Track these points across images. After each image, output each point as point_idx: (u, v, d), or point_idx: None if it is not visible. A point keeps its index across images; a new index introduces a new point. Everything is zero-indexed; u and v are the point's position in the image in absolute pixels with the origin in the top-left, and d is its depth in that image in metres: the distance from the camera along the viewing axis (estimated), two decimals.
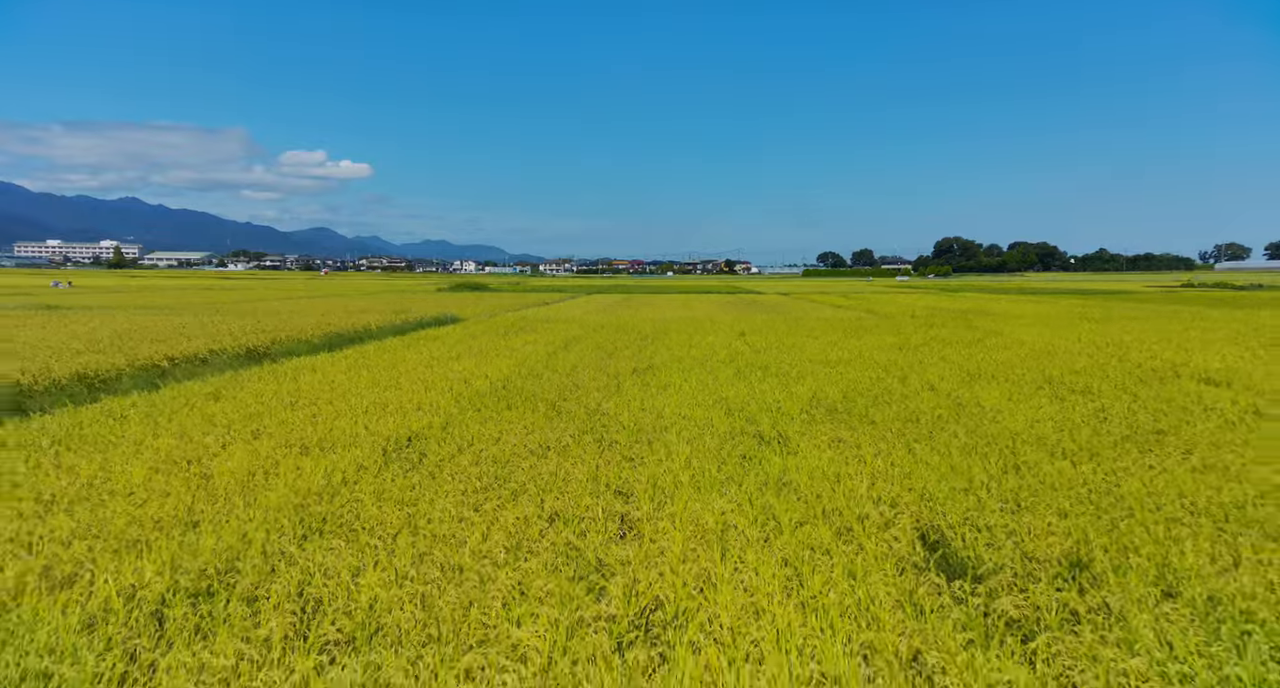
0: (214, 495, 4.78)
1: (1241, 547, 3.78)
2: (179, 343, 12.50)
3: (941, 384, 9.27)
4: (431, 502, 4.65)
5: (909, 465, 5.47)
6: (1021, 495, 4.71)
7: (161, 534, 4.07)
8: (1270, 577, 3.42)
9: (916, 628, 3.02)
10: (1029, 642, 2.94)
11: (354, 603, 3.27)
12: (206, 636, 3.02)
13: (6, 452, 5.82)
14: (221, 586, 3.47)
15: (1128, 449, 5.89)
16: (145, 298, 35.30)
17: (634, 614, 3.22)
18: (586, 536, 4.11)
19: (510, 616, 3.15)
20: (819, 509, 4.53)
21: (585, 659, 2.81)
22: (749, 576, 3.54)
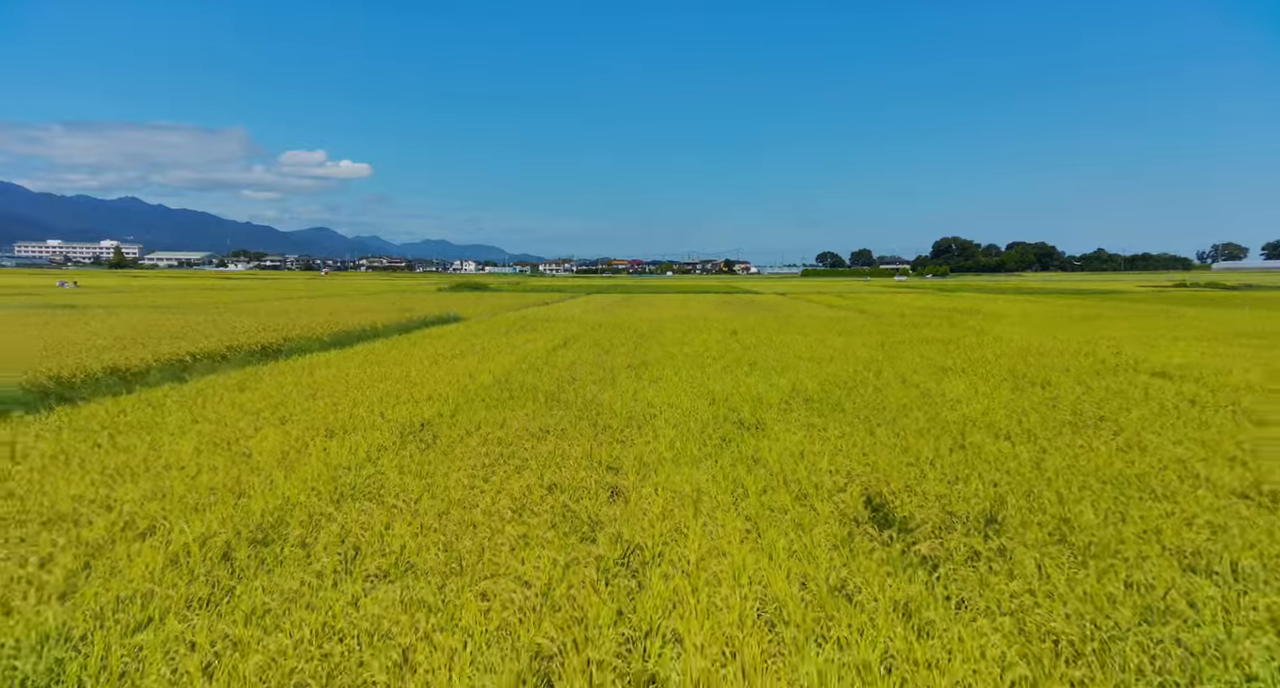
0: (255, 469, 5.48)
1: (1130, 506, 4.48)
2: (197, 340, 13.20)
3: (913, 377, 9.97)
4: (446, 474, 5.36)
5: (867, 445, 6.17)
6: (960, 469, 5.41)
7: (216, 498, 4.77)
8: (1145, 526, 4.12)
9: (847, 563, 3.73)
10: (934, 572, 3.64)
11: (387, 548, 3.97)
12: (270, 570, 3.72)
13: (68, 433, 6.51)
14: (276, 536, 4.18)
15: (1065, 432, 6.59)
16: (152, 298, 35.99)
17: (618, 556, 3.92)
18: (580, 500, 4.81)
19: (516, 557, 3.85)
20: (782, 479, 5.24)
21: (577, 585, 3.50)
22: (715, 528, 4.25)
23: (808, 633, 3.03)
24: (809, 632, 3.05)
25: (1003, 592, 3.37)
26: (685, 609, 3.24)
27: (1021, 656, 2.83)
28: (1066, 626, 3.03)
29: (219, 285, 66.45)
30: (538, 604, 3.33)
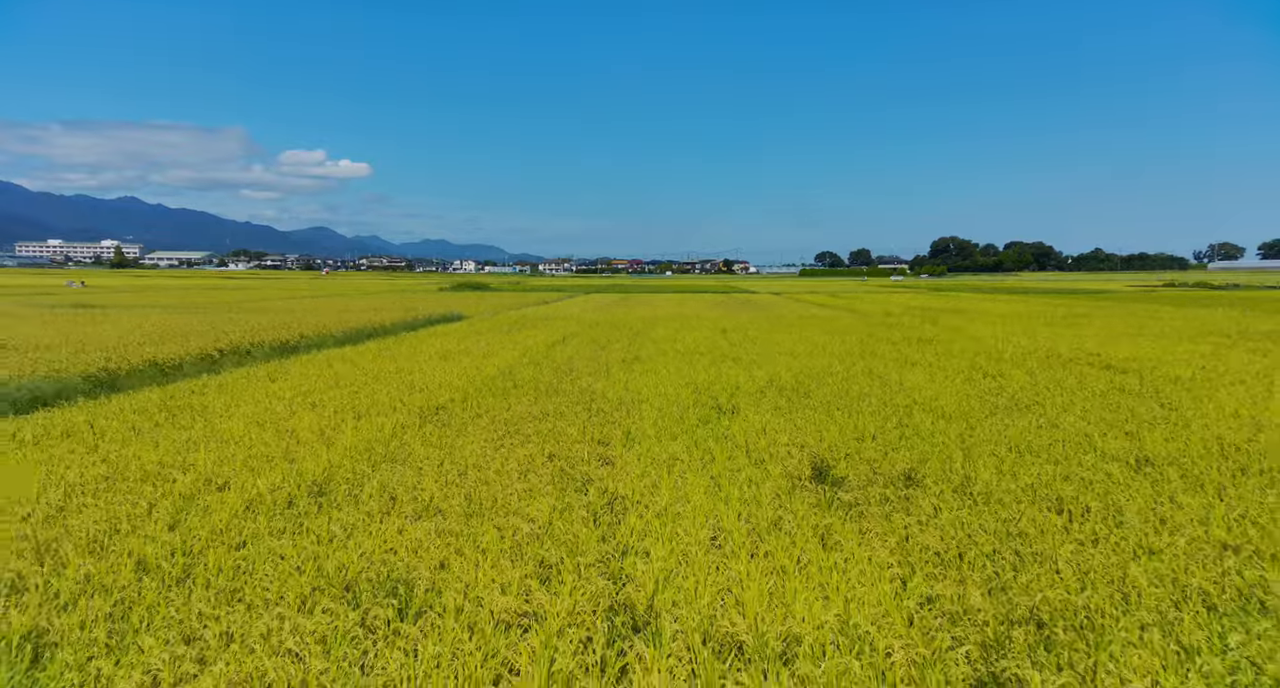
0: (299, 442, 6.46)
1: (1024, 467, 5.47)
2: (221, 337, 14.18)
3: (880, 370, 10.96)
4: (462, 446, 6.34)
5: (823, 424, 7.15)
6: (896, 441, 6.40)
7: (272, 463, 5.75)
8: (1030, 482, 5.11)
9: (784, 506, 4.71)
10: (850, 511, 4.63)
11: (419, 497, 4.95)
12: (329, 512, 4.70)
13: (131, 415, 7.50)
14: (328, 489, 5.16)
15: (997, 414, 7.58)
16: (162, 297, 36.95)
17: (604, 503, 4.90)
18: (575, 465, 5.79)
19: (523, 503, 4.83)
20: (745, 450, 6.22)
21: (572, 522, 4.49)
22: (684, 484, 5.23)
23: (745, 549, 4.02)
24: (746, 549, 4.03)
25: (898, 523, 4.35)
26: (653, 536, 4.22)
27: (899, 561, 3.82)
28: (939, 544, 4.02)
29: (223, 285, 67.42)
30: (540, 533, 4.31)
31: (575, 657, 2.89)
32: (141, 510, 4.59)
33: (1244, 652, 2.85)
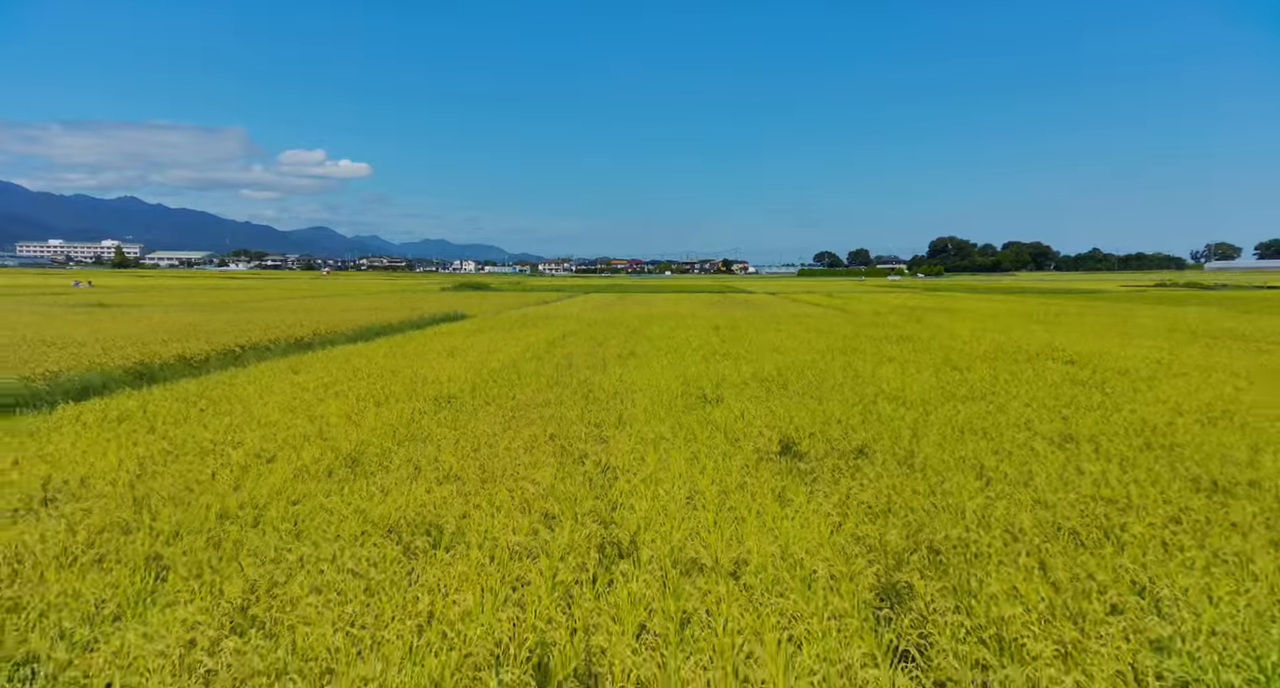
0: (329, 424, 7.30)
1: (960, 443, 6.33)
2: (240, 334, 15.02)
3: (856, 364, 11.81)
4: (474, 427, 7.19)
5: (796, 410, 8.00)
6: (857, 423, 7.25)
7: (309, 441, 6.59)
8: (964, 455, 5.97)
9: (751, 474, 5.56)
10: (806, 476, 5.49)
11: (440, 467, 5.80)
12: (365, 477, 5.54)
13: (175, 402, 8.34)
14: (361, 461, 6.01)
15: (953, 401, 8.44)
16: (170, 297, 37.77)
17: (598, 471, 5.75)
18: (574, 443, 6.64)
19: (529, 471, 5.68)
20: (724, 431, 7.07)
21: (571, 485, 5.33)
22: (667, 457, 6.08)
23: (713, 504, 4.87)
24: (714, 504, 4.88)
25: (844, 485, 5.21)
26: (639, 496, 5.07)
27: (838, 512, 4.68)
28: (873, 500, 4.88)
29: (225, 285, 68.22)
30: (544, 493, 5.16)
31: (573, 573, 3.74)
32: (206, 477, 5.44)
33: (1088, 568, 3.70)
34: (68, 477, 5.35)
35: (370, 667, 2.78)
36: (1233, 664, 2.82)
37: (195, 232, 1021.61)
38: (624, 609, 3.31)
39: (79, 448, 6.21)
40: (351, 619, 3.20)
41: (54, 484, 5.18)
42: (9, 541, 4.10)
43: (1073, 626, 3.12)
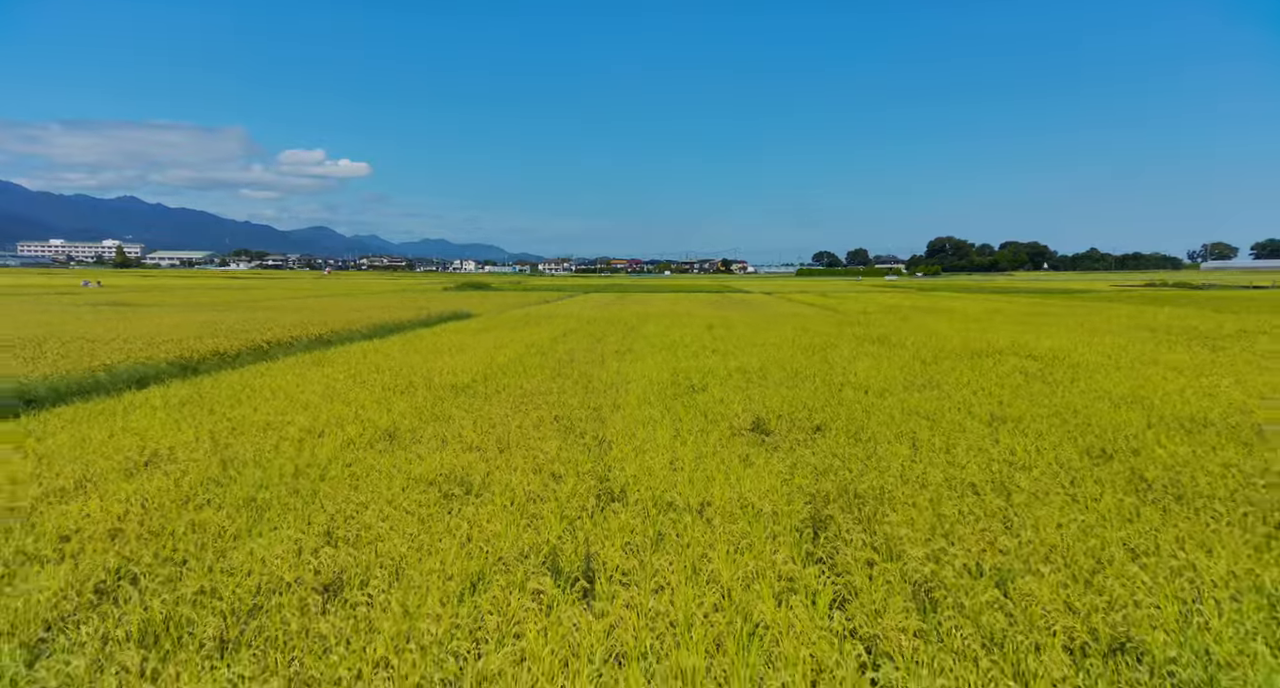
0: (364, 407, 8.41)
1: (904, 422, 7.45)
2: (263, 332, 16.12)
3: (834, 358, 12.93)
4: (488, 411, 8.30)
5: (770, 397, 9.12)
6: (820, 407, 8.37)
7: (349, 420, 7.70)
8: (903, 430, 7.08)
9: (724, 445, 6.67)
10: (769, 446, 6.61)
11: (463, 439, 6.91)
12: (402, 448, 6.65)
13: (224, 390, 9.46)
14: (396, 435, 7.12)
15: (910, 389, 9.55)
16: (181, 296, 38.86)
17: (595, 443, 6.87)
18: (575, 422, 7.75)
19: (538, 443, 6.79)
20: (705, 413, 8.19)
21: (573, 452, 6.45)
22: (655, 433, 7.19)
23: (689, 466, 5.98)
24: (690, 466, 5.99)
25: (798, 453, 6.33)
26: (629, 460, 6.18)
27: (789, 471, 5.79)
28: (819, 462, 6.00)
29: (229, 285, 69.31)
30: (551, 458, 6.27)
31: (576, 510, 4.86)
32: (271, 446, 6.56)
33: (972, 507, 4.82)
34: (157, 446, 6.47)
35: (432, 562, 3.90)
36: (1055, 562, 3.92)
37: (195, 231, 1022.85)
38: (614, 531, 4.43)
39: (156, 425, 7.33)
40: (412, 537, 4.32)
41: (148, 451, 6.29)
42: (132, 490, 5.21)
43: (944, 540, 4.25)
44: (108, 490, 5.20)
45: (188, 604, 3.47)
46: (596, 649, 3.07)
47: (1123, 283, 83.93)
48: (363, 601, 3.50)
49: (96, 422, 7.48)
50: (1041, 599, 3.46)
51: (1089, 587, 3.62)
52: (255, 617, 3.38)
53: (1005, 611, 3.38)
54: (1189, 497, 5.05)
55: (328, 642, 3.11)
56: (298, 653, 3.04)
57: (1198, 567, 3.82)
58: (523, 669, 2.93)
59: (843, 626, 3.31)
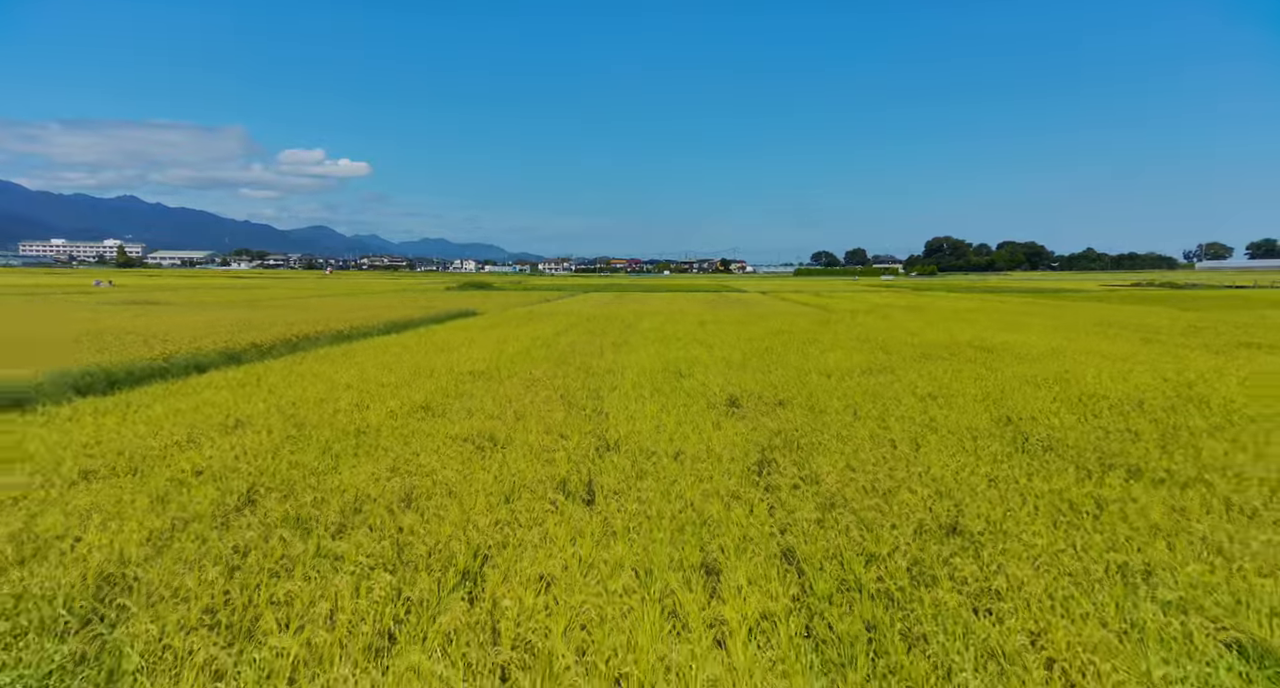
0: (397, 387, 9.86)
1: (855, 398, 8.91)
2: (289, 327, 17.56)
3: (810, 349, 14.39)
4: (503, 390, 9.75)
5: (746, 380, 10.57)
6: (786, 388, 9.82)
7: (387, 397, 9.15)
8: (850, 404, 8.55)
9: (702, 415, 8.13)
10: (738, 416, 8.07)
11: (485, 411, 8.36)
12: (436, 417, 8.11)
13: (273, 374, 10.91)
14: (429, 407, 8.57)
15: (868, 374, 11.01)
16: (198, 296, 40.29)
17: (594, 413, 8.32)
18: (577, 400, 9.20)
19: (547, 414, 8.25)
20: (688, 392, 9.64)
21: (576, 420, 7.90)
22: (645, 407, 8.64)
23: (670, 429, 7.43)
24: (671, 429, 7.44)
25: (761, 421, 7.79)
26: (621, 425, 7.62)
27: (750, 431, 7.25)
28: (775, 426, 7.45)
29: (236, 284, 70.69)
30: (559, 424, 7.72)
31: (580, 456, 6.31)
32: (329, 414, 8.01)
33: (886, 456, 6.28)
34: (239, 414, 7.93)
35: (476, 485, 5.36)
36: (930, 484, 5.37)
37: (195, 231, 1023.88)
38: (608, 468, 5.88)
39: (229, 399, 8.79)
40: (458, 471, 5.77)
41: (233, 417, 7.75)
42: (233, 443, 6.66)
43: (854, 473, 5.70)
44: (214, 443, 6.66)
45: (308, 507, 4.92)
46: (595, 531, 4.52)
47: (1111, 283, 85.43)
48: (430, 507, 4.95)
49: (179, 397, 8.94)
50: (908, 503, 4.93)
51: (944, 496, 5.09)
52: (357, 514, 4.84)
53: (880, 510, 4.84)
54: (1055, 449, 6.51)
55: (411, 527, 4.56)
56: (390, 531, 4.49)
57: (1030, 489, 5.29)
58: (545, 539, 4.38)
59: (767, 520, 4.77)
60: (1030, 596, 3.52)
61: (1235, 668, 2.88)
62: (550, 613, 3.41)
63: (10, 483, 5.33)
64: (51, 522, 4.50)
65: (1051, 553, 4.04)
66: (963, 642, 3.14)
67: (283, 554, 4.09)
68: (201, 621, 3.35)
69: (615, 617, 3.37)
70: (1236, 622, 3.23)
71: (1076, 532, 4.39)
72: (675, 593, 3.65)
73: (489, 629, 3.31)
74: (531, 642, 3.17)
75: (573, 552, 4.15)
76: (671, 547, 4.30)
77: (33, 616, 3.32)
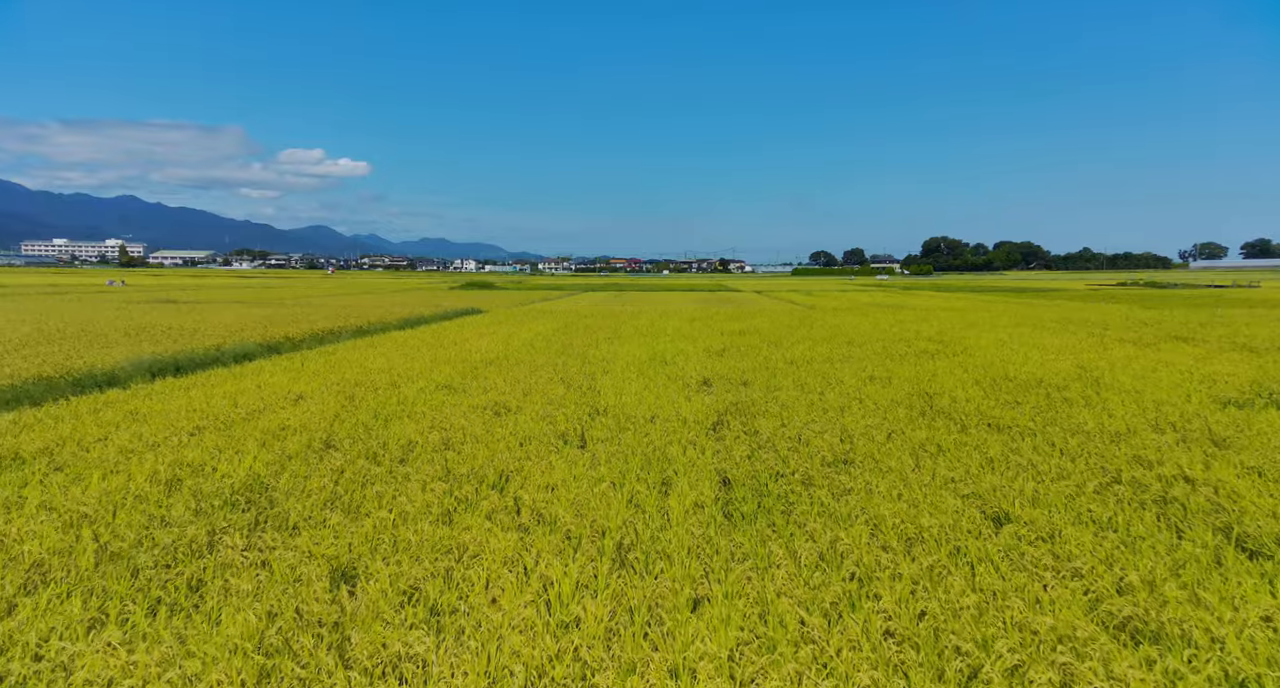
0: (421, 372, 11.57)
1: (805, 378, 10.65)
2: (313, 323, 19.29)
3: (782, 342, 16.12)
4: (512, 374, 11.48)
5: (719, 366, 12.30)
6: (752, 371, 11.55)
7: (415, 378, 10.87)
8: (799, 382, 10.28)
9: (679, 393, 9.87)
10: (707, 392, 9.81)
11: (498, 389, 10.08)
12: (458, 393, 9.83)
13: (314, 360, 12.64)
14: (452, 385, 10.30)
15: (827, 363, 12.74)
16: (216, 294, 42.01)
17: (589, 389, 10.05)
18: (575, 381, 10.92)
19: (549, 390, 9.98)
20: (669, 375, 11.37)
21: (573, 394, 9.63)
22: (632, 385, 10.38)
23: (650, 400, 9.16)
24: (651, 401, 9.17)
25: (724, 395, 9.52)
26: (611, 398, 9.34)
27: (715, 401, 8.98)
28: (737, 398, 9.18)
29: (241, 284, 72.36)
30: (559, 398, 9.44)
31: (576, 418, 8.04)
32: (371, 389, 9.74)
33: (824, 418, 8.01)
34: (298, 391, 9.66)
35: (496, 436, 7.09)
36: (840, 433, 7.09)
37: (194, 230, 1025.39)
38: (598, 426, 7.61)
39: (283, 380, 10.52)
40: (482, 427, 7.50)
41: (293, 393, 9.48)
42: (298, 411, 8.39)
43: (784, 427, 7.43)
44: (285, 410, 8.39)
45: (375, 448, 6.65)
46: (585, 462, 6.25)
47: (1097, 283, 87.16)
48: (464, 448, 6.68)
49: (240, 379, 10.67)
50: (818, 446, 6.66)
51: (846, 442, 6.83)
52: (411, 452, 6.57)
53: (796, 450, 6.58)
54: (949, 414, 8.24)
55: (452, 459, 6.29)
56: (438, 461, 6.22)
57: (913, 438, 7.02)
58: (549, 467, 6.11)
59: (712, 457, 6.49)
60: (874, 491, 5.26)
61: (978, 521, 4.63)
62: (553, 501, 5.15)
63: (146, 433, 7.07)
64: (192, 456, 6.23)
65: (901, 472, 5.78)
66: (819, 512, 4.88)
67: (365, 473, 5.83)
68: (326, 505, 5.08)
69: (597, 503, 5.10)
70: (996, 501, 4.98)
71: (927, 459, 6.14)
72: (639, 494, 5.38)
73: (514, 510, 5.04)
74: (542, 513, 4.92)
75: (569, 472, 5.88)
76: (640, 471, 6.03)
77: (214, 501, 5.06)
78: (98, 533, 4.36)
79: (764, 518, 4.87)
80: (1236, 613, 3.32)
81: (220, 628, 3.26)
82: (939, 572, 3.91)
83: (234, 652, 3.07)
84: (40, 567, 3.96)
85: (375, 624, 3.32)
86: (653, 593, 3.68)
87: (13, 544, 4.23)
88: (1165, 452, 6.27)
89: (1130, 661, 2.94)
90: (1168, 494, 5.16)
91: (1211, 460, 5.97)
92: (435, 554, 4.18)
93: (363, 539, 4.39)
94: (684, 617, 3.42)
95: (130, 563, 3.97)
